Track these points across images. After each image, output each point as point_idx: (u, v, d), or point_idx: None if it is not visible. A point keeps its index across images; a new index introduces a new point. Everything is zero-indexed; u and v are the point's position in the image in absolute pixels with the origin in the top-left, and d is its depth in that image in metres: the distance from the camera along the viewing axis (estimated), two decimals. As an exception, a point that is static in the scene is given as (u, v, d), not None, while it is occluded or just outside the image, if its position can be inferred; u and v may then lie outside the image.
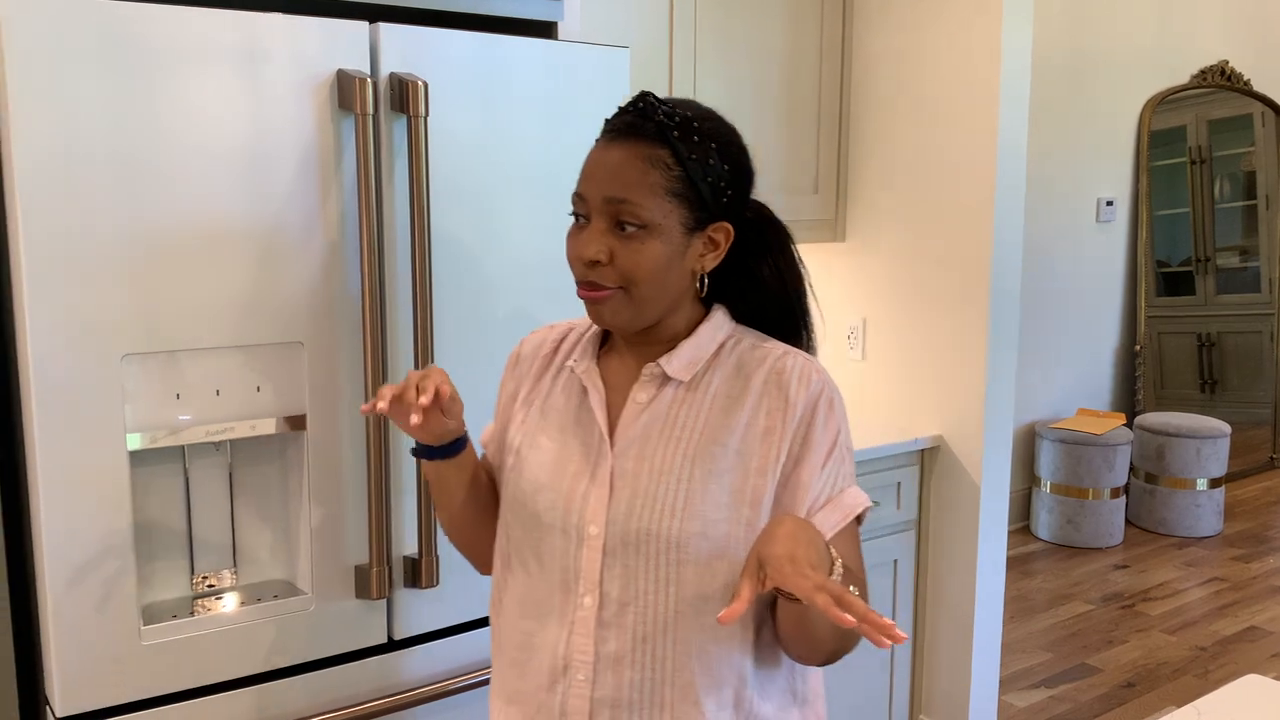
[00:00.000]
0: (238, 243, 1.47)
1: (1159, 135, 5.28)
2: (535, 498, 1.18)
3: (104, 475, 1.42)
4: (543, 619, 1.17)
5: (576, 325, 1.29)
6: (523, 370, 1.28)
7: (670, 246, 1.12)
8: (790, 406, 1.15)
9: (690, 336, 1.19)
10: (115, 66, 1.36)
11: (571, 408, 1.21)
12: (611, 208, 1.11)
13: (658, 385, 1.18)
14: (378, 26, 1.55)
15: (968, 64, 2.64)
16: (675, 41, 2.55)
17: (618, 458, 1.16)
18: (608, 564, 1.13)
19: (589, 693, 1.14)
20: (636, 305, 1.14)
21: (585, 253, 1.12)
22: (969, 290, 2.69)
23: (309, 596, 1.59)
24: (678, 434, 1.15)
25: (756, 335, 1.22)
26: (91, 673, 1.44)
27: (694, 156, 1.12)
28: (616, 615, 1.13)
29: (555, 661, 1.15)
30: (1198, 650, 3.68)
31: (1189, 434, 4.79)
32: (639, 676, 1.13)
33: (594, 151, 1.14)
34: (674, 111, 1.13)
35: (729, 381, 1.17)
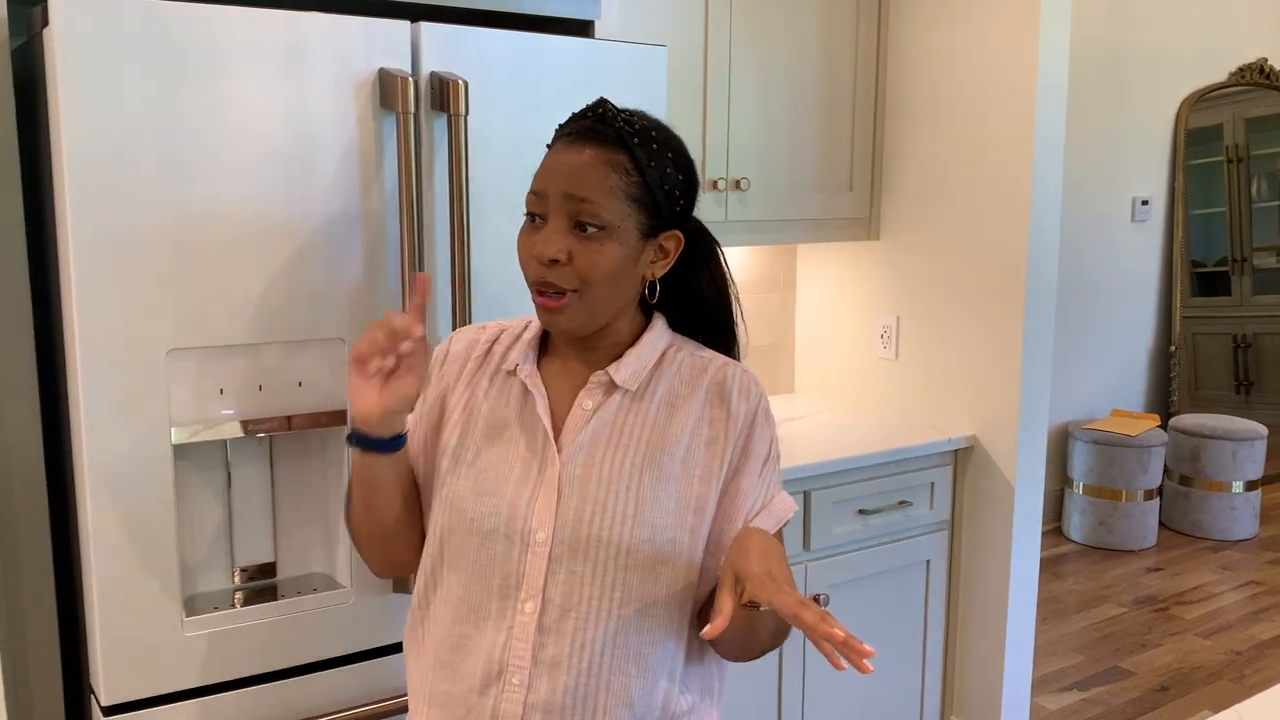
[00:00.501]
0: (281, 240, 1.49)
1: (1196, 134, 5.23)
2: (477, 503, 1.17)
3: (149, 468, 1.44)
4: (478, 623, 1.16)
5: (508, 326, 1.28)
6: (452, 369, 1.26)
7: (626, 250, 1.14)
8: (732, 418, 1.18)
9: (635, 345, 1.20)
10: (162, 65, 1.38)
11: (512, 412, 1.20)
12: (572, 206, 1.12)
13: (604, 392, 1.19)
14: (419, 26, 1.56)
15: (1005, 60, 2.62)
16: (710, 40, 2.55)
17: (565, 464, 1.16)
18: (552, 570, 1.14)
19: (523, 697, 1.14)
20: (590, 309, 1.14)
21: (546, 251, 1.12)
22: (1004, 289, 2.67)
23: (347, 590, 1.60)
24: (625, 441, 1.17)
25: (693, 344, 1.25)
26: (135, 663, 1.46)
27: (652, 164, 1.14)
28: (557, 621, 1.14)
29: (490, 666, 1.15)
30: (1233, 654, 3.65)
31: (1225, 436, 4.74)
32: (574, 682, 1.14)
33: (554, 152, 1.15)
34: (632, 119, 1.15)
35: (672, 390, 1.20)
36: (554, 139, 1.17)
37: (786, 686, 2.49)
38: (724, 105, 2.60)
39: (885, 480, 2.55)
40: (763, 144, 2.66)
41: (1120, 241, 5.00)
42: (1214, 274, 5.42)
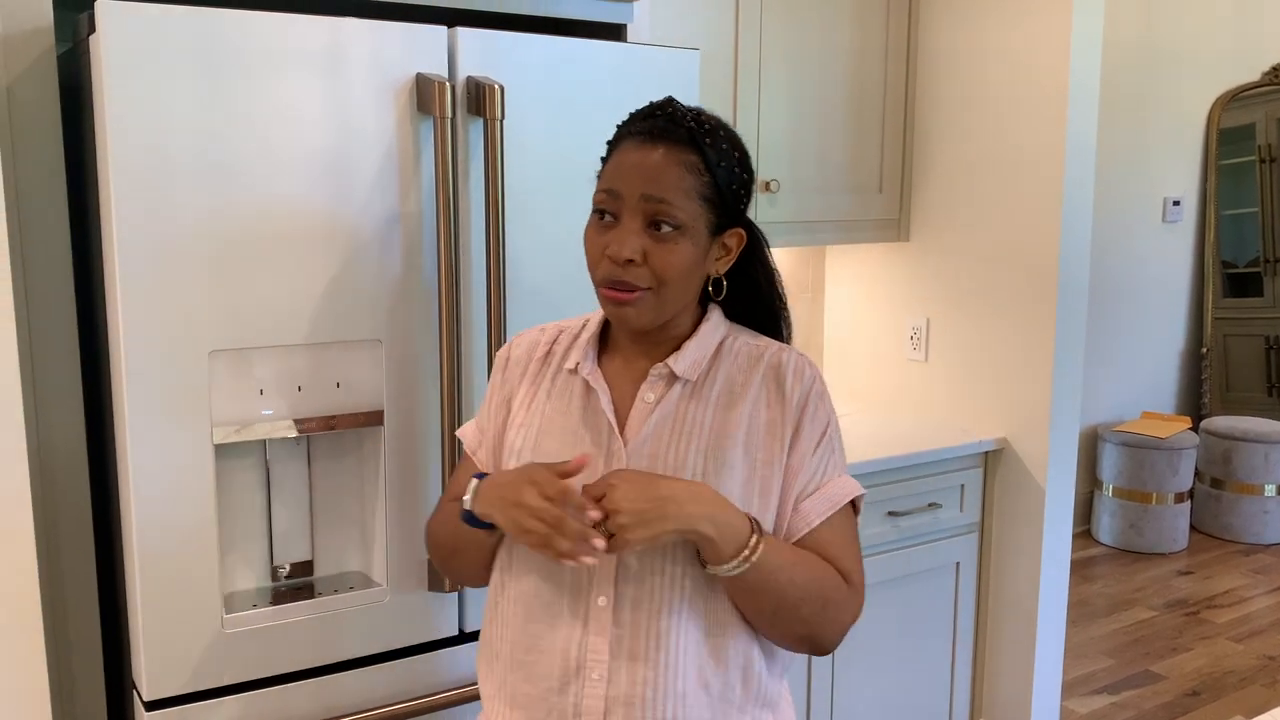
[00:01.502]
0: (320, 242, 1.51)
1: (1228, 133, 5.18)
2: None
3: (190, 467, 1.46)
4: (552, 621, 1.18)
5: (566, 327, 1.31)
6: (514, 373, 1.29)
7: (698, 249, 1.16)
8: (787, 400, 1.19)
9: (693, 337, 1.22)
10: (205, 71, 1.40)
11: (575, 409, 1.22)
12: (649, 207, 1.13)
13: (666, 384, 1.21)
14: (455, 31, 1.58)
15: (1036, 59, 2.61)
16: (741, 42, 2.56)
17: (631, 456, 1.18)
18: (623, 562, 1.15)
19: (604, 691, 1.15)
20: (661, 305, 1.16)
21: (622, 252, 1.13)
22: (1035, 290, 2.66)
23: (383, 588, 1.62)
24: (688, 431, 1.18)
25: (748, 333, 1.27)
26: (177, 659, 1.48)
27: (722, 164, 1.16)
28: (632, 613, 1.15)
29: (567, 662, 1.16)
30: (1266, 659, 3.61)
31: (1257, 438, 4.70)
32: (654, 673, 1.14)
33: (625, 151, 1.16)
34: (701, 119, 1.17)
35: (730, 378, 1.21)
36: (620, 137, 1.18)
37: (815, 688, 2.49)
38: (754, 107, 2.61)
39: (915, 482, 2.55)
40: (793, 146, 2.66)
41: (1151, 242, 4.96)
42: (1246, 275, 5.37)
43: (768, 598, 1.13)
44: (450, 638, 1.70)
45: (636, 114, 1.19)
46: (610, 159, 1.18)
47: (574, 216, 1.71)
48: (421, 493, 1.63)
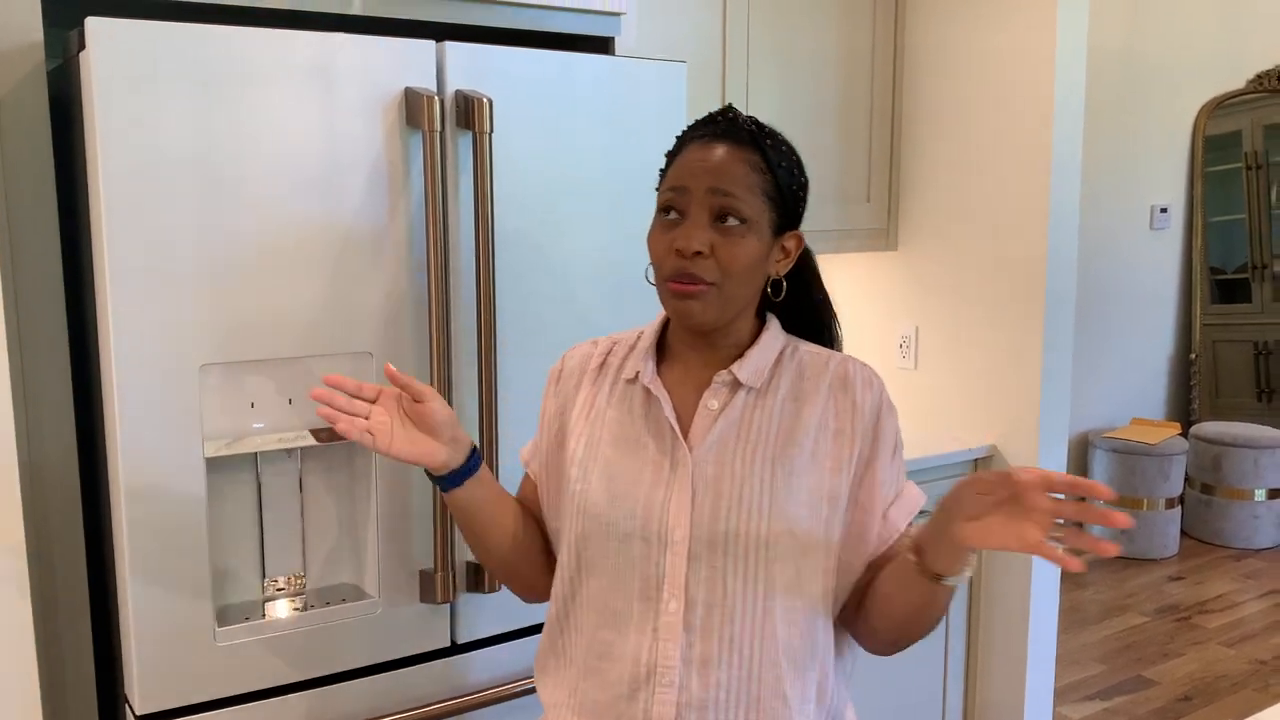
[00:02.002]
0: (310, 256, 1.52)
1: (1214, 140, 5.21)
2: (612, 507, 1.19)
3: (181, 480, 1.47)
4: (621, 628, 1.18)
5: (620, 338, 1.32)
6: (568, 385, 1.30)
7: (762, 246, 1.18)
8: (857, 409, 1.20)
9: (755, 344, 1.23)
10: (195, 86, 1.41)
11: (636, 418, 1.23)
12: (716, 201, 1.15)
13: (729, 391, 1.21)
14: (444, 45, 1.59)
15: (1021, 67, 2.64)
16: (728, 55, 2.58)
17: (697, 463, 1.18)
18: (693, 568, 1.15)
19: (675, 698, 1.15)
20: (724, 300, 1.17)
21: (690, 244, 1.14)
22: (1022, 298, 2.68)
23: (375, 600, 1.63)
24: (754, 438, 1.18)
25: (806, 343, 1.27)
26: (169, 672, 1.49)
27: (782, 164, 1.20)
28: (703, 618, 1.15)
29: (637, 669, 1.16)
30: (1257, 664, 3.63)
31: (1246, 444, 4.72)
32: (727, 676, 1.15)
33: (690, 152, 1.19)
34: (761, 125, 1.21)
35: (794, 386, 1.22)
36: (683, 141, 1.21)
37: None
38: (742, 118, 2.62)
39: (905, 490, 2.56)
40: (781, 156, 2.68)
41: (1139, 249, 4.99)
42: (1234, 281, 5.40)
43: (941, 606, 1.14)
44: (442, 649, 1.70)
45: (697, 123, 1.22)
46: (675, 162, 1.21)
47: (564, 228, 1.72)
48: (412, 504, 1.64)
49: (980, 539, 1.02)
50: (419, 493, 1.64)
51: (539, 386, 1.72)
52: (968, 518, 1.03)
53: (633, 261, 1.80)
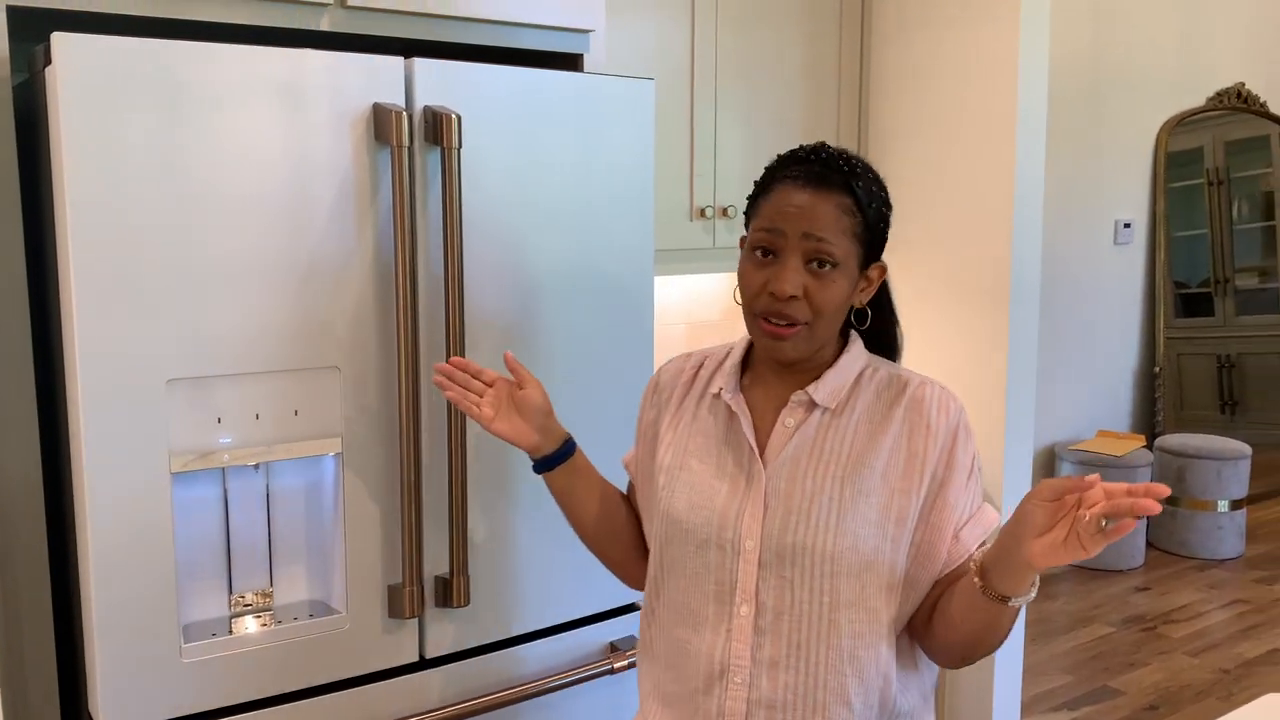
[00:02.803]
0: (278, 271, 1.52)
1: (1176, 156, 5.30)
2: (691, 514, 1.28)
3: (148, 495, 1.46)
4: (696, 627, 1.27)
5: (710, 354, 1.40)
6: (663, 397, 1.40)
7: (849, 283, 1.25)
8: (932, 432, 1.24)
9: (834, 366, 1.29)
10: (162, 102, 1.42)
11: (719, 431, 1.31)
12: (810, 245, 1.21)
13: (805, 411, 1.28)
14: (412, 61, 1.60)
15: (984, 85, 2.68)
16: (696, 70, 2.60)
17: (770, 478, 1.25)
18: (763, 576, 1.23)
19: (746, 694, 1.23)
20: (814, 337, 1.25)
21: (785, 289, 1.21)
22: (987, 312, 2.71)
23: (343, 616, 1.62)
24: (826, 456, 1.25)
25: (888, 364, 1.33)
26: (134, 689, 1.48)
27: (872, 204, 1.24)
28: (773, 623, 1.23)
29: (712, 666, 1.25)
30: (1221, 673, 3.67)
31: (1210, 455, 4.78)
32: (794, 679, 1.22)
33: (784, 193, 1.23)
34: (852, 162, 1.25)
35: (871, 408, 1.27)
36: (775, 178, 1.26)
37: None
38: (710, 134, 2.65)
39: (873, 502, 2.58)
40: (749, 171, 2.70)
41: (1103, 263, 5.06)
42: (1197, 295, 5.48)
43: (1006, 626, 1.18)
44: (410, 664, 1.70)
45: (790, 158, 1.26)
46: (768, 199, 1.25)
47: (533, 243, 1.74)
48: (379, 519, 1.64)
49: (1045, 558, 1.05)
50: (386, 508, 1.64)
51: (508, 401, 1.73)
52: (1036, 535, 1.06)
53: (602, 277, 1.82)
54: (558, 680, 1.80)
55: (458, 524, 1.67)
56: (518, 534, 1.78)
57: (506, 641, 1.79)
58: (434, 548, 1.70)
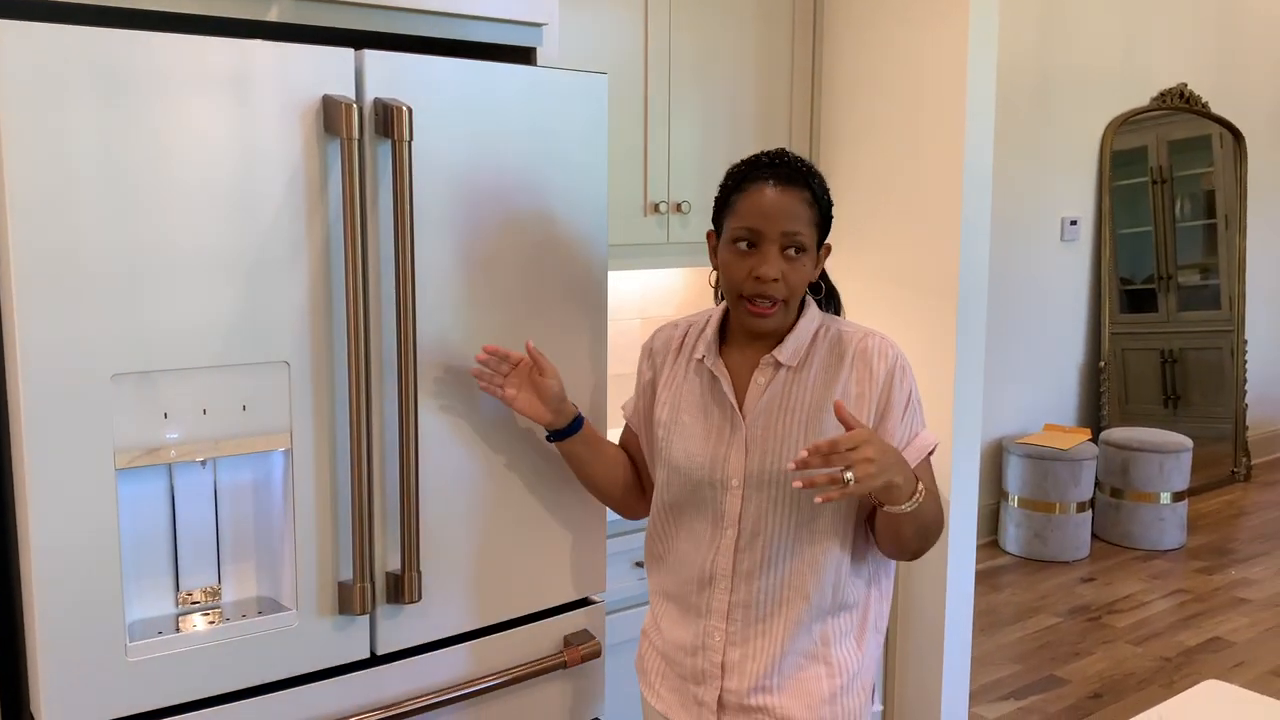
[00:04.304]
0: (225, 264, 1.50)
1: (1121, 155, 5.40)
2: (687, 460, 1.58)
3: (92, 492, 1.44)
4: (696, 544, 1.60)
5: (693, 323, 1.68)
6: (657, 361, 1.69)
7: (813, 264, 1.54)
8: (873, 376, 1.53)
9: (793, 330, 1.56)
10: (105, 93, 1.39)
11: (704, 390, 1.60)
12: (786, 239, 1.49)
13: (773, 370, 1.56)
14: (363, 53, 1.59)
15: (934, 84, 2.71)
16: (650, 65, 2.60)
17: (749, 427, 1.55)
18: (745, 505, 1.54)
19: (728, 597, 1.56)
20: (787, 311, 1.54)
21: (769, 273, 1.49)
22: (937, 307, 2.75)
23: (293, 613, 1.61)
24: (792, 406, 1.53)
25: (838, 320, 1.61)
26: (78, 689, 1.45)
27: (824, 196, 1.55)
28: (750, 542, 1.54)
29: (704, 574, 1.58)
30: (1163, 661, 3.76)
31: (1152, 449, 4.88)
32: (765, 584, 1.54)
33: (759, 194, 1.50)
34: (806, 164, 1.55)
35: (825, 361, 1.55)
36: (748, 178, 1.52)
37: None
38: (664, 129, 2.65)
39: (825, 496, 2.60)
40: (703, 166, 2.71)
41: (1050, 261, 5.14)
42: (1141, 291, 5.59)
43: (912, 526, 1.45)
44: (362, 661, 1.69)
45: (757, 163, 1.54)
46: (744, 199, 1.51)
47: (485, 236, 1.73)
48: (330, 515, 1.62)
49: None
50: (336, 504, 1.63)
51: (460, 393, 1.72)
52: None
53: (555, 272, 1.82)
54: (511, 675, 1.80)
55: (410, 520, 1.66)
56: (470, 530, 1.77)
57: (459, 637, 1.79)
58: (385, 544, 1.69)
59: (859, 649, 1.59)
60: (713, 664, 1.58)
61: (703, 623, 1.58)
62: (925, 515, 1.46)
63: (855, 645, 1.59)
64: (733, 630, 1.56)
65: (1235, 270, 5.92)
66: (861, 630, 1.60)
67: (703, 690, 1.59)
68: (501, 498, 1.78)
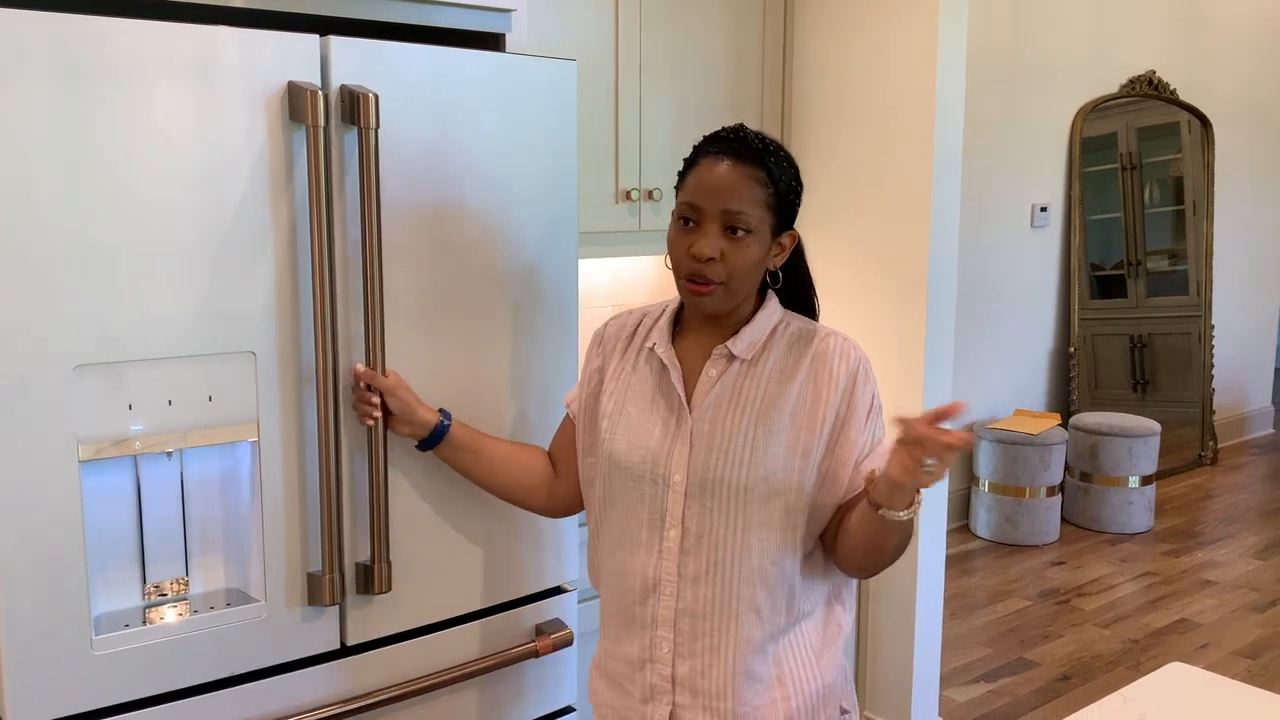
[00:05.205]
0: (190, 253, 1.48)
1: (1091, 142, 5.43)
2: (629, 453, 1.47)
3: (55, 485, 1.42)
4: (633, 549, 1.48)
5: (649, 311, 1.58)
6: (607, 349, 1.58)
7: (762, 248, 1.42)
8: (834, 378, 1.43)
9: (750, 322, 1.47)
10: (66, 79, 1.37)
11: (653, 380, 1.49)
12: (726, 216, 1.39)
13: (726, 362, 1.46)
14: (329, 39, 1.57)
15: (904, 71, 2.71)
16: (621, 52, 2.59)
17: (695, 421, 1.44)
18: (689, 504, 1.43)
19: (674, 605, 1.44)
20: (731, 295, 1.42)
21: (704, 251, 1.39)
22: (907, 293, 2.76)
23: (261, 604, 1.60)
24: (743, 401, 1.43)
25: (800, 319, 1.51)
26: (43, 683, 1.44)
27: (783, 177, 1.42)
28: (695, 544, 1.43)
29: (646, 581, 1.46)
30: (1130, 643, 3.80)
31: (1121, 433, 4.93)
32: (711, 591, 1.42)
33: (704, 168, 1.41)
34: (765, 140, 1.42)
35: (782, 358, 1.45)
36: (699, 155, 1.43)
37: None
38: (635, 117, 2.64)
39: (797, 482, 2.61)
40: (674, 154, 2.71)
41: (1021, 247, 5.18)
42: (1111, 277, 5.64)
43: (898, 535, 1.36)
44: (332, 652, 1.68)
45: (712, 137, 1.43)
46: (690, 173, 1.43)
47: (452, 224, 1.72)
48: (298, 506, 1.61)
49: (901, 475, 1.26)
50: (304, 494, 1.62)
51: (428, 381, 1.71)
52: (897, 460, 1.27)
53: (525, 260, 1.81)
54: (483, 665, 1.80)
55: (379, 510, 1.65)
56: (440, 519, 1.77)
57: (430, 627, 1.78)
58: (355, 534, 1.68)
59: (819, 667, 1.48)
60: (662, 677, 1.46)
61: (649, 633, 1.47)
62: (908, 525, 1.37)
63: (815, 662, 1.47)
64: (680, 642, 1.44)
65: (1203, 256, 5.98)
66: (822, 647, 1.49)
67: (653, 708, 1.47)
68: (471, 487, 1.78)
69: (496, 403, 1.80)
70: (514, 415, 1.83)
